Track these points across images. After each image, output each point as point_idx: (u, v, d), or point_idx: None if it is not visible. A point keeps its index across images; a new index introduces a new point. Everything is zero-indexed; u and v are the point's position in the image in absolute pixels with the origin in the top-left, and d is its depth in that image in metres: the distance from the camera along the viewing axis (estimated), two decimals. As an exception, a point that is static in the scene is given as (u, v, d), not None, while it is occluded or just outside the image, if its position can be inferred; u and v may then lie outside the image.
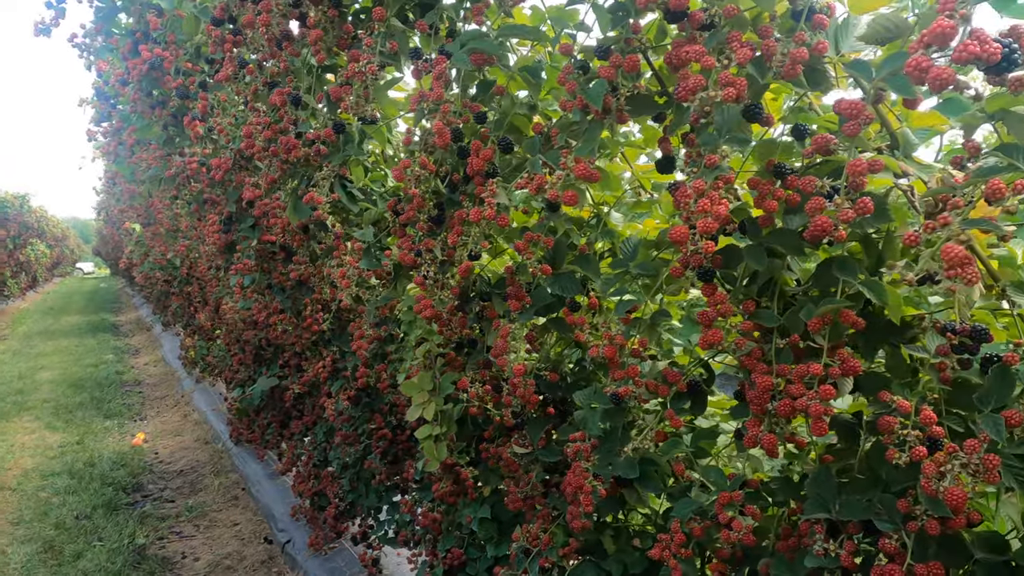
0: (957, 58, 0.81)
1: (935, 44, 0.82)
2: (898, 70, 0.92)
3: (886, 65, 0.95)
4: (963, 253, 0.85)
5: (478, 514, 2.54)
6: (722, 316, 1.26)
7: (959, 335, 1.06)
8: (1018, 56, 0.81)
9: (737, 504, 1.54)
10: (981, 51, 0.80)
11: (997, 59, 0.80)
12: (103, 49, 3.29)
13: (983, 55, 0.80)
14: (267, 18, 1.76)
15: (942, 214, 0.89)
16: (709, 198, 1.07)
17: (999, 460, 1.04)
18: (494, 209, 1.43)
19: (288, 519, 4.61)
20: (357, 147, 2.02)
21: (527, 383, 1.91)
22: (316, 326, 3.02)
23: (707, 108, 1.06)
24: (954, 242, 0.87)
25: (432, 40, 1.55)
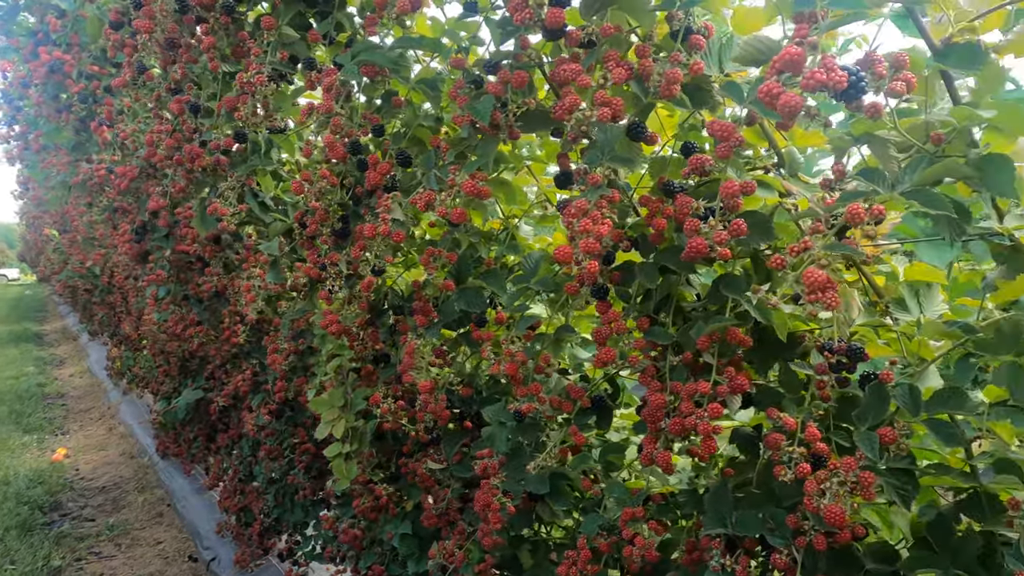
0: (805, 85, 0.81)
1: (787, 71, 0.82)
2: (765, 93, 0.93)
3: (754, 88, 0.95)
4: (824, 278, 0.85)
5: (399, 530, 2.49)
6: (616, 333, 1.25)
7: (836, 354, 1.07)
8: (864, 84, 0.82)
9: (640, 519, 1.54)
10: (827, 79, 0.80)
11: (843, 86, 0.81)
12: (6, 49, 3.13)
13: (829, 83, 0.81)
14: (150, 24, 1.69)
15: (803, 239, 0.90)
16: (591, 218, 1.05)
17: (874, 478, 1.05)
18: (388, 225, 1.39)
19: (214, 536, 4.47)
20: (263, 156, 1.96)
21: (438, 399, 1.88)
22: (234, 339, 2.93)
23: (584, 128, 1.05)
24: (816, 266, 0.88)
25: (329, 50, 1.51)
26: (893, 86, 0.84)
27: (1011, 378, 0.98)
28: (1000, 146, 0.93)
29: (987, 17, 0.93)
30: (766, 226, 1.13)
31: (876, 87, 0.85)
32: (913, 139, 0.92)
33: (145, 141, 2.05)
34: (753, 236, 1.12)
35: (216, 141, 1.85)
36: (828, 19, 0.85)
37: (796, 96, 0.80)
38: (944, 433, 1.05)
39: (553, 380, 1.64)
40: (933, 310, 1.18)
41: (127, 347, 6.75)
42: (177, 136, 2.03)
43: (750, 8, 1.12)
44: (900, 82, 0.84)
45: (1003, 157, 0.87)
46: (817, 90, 0.81)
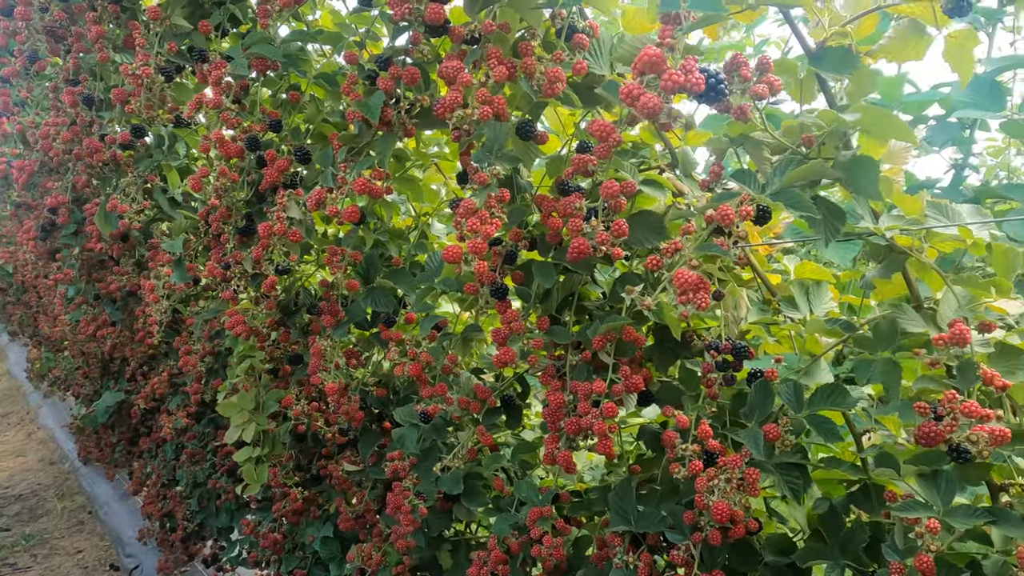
0: (664, 87, 0.81)
1: (647, 72, 0.82)
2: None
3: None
4: (694, 278, 0.86)
5: (320, 533, 2.44)
6: (516, 333, 1.24)
7: (722, 352, 1.08)
8: (724, 87, 0.83)
9: (549, 518, 1.53)
10: (685, 81, 0.81)
11: (701, 89, 0.81)
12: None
13: (687, 84, 0.81)
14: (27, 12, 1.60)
15: (673, 240, 0.90)
16: (479, 217, 1.04)
17: (759, 474, 1.06)
18: (284, 224, 1.35)
19: (137, 543, 4.32)
20: (167, 151, 1.89)
21: (352, 399, 1.85)
22: (148, 339, 2.82)
23: (466, 126, 1.04)
24: (686, 268, 0.88)
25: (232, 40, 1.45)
26: (756, 89, 0.85)
27: (885, 374, 1.01)
28: (871, 149, 0.95)
29: (861, 22, 0.95)
30: (659, 226, 1.14)
31: (742, 89, 0.86)
32: (787, 142, 0.94)
33: (40, 135, 1.95)
34: (646, 235, 1.12)
35: (111, 135, 1.77)
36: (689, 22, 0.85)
37: (655, 97, 0.80)
38: (824, 429, 1.08)
39: (464, 380, 1.62)
40: (822, 308, 1.21)
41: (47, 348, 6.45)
42: (75, 129, 1.94)
43: (638, 8, 1.12)
44: (763, 85, 0.85)
45: (868, 159, 0.89)
46: (675, 92, 0.81)
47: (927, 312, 1.04)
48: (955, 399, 0.89)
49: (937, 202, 0.98)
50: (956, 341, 0.90)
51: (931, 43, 0.94)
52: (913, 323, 1.03)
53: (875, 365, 1.01)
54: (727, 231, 0.86)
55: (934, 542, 0.95)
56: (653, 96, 0.80)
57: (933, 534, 0.94)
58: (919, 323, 1.03)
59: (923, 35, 0.94)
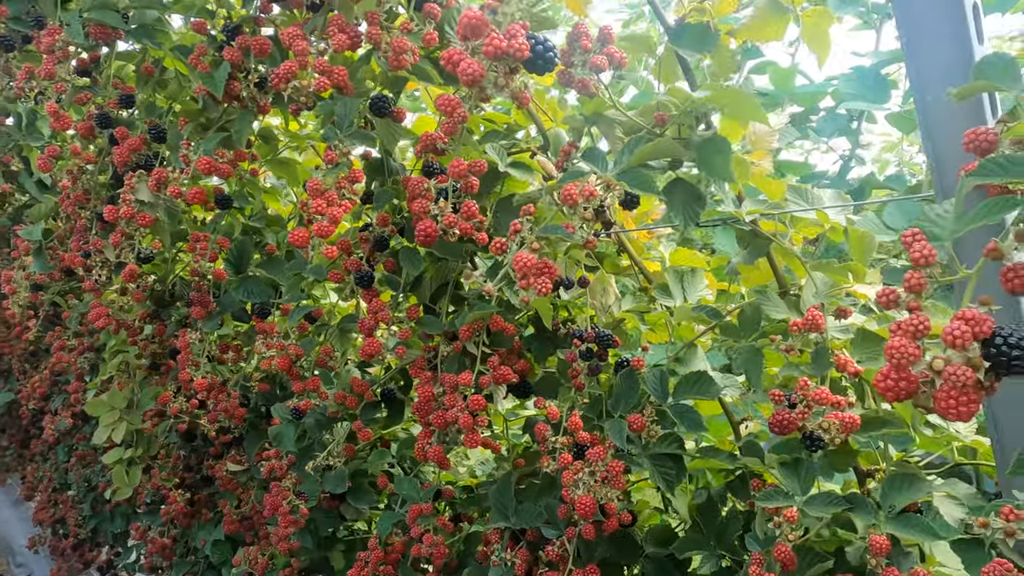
0: (487, 52, 0.76)
1: (469, 36, 0.77)
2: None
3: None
4: (533, 262, 0.81)
5: (212, 536, 2.33)
6: (383, 323, 1.18)
7: (586, 341, 1.04)
8: (552, 55, 0.79)
9: (430, 516, 1.48)
10: (507, 46, 0.76)
11: (525, 55, 0.77)
12: None
13: (510, 50, 0.76)
14: None
15: (515, 221, 0.86)
16: (325, 198, 0.97)
17: (623, 466, 1.03)
18: (131, 207, 1.25)
19: (28, 552, 4.07)
20: (27, 131, 1.74)
21: (231, 395, 1.75)
22: (25, 335, 2.63)
23: (303, 98, 0.97)
24: (527, 251, 0.84)
25: (63, 7, 1.33)
26: (596, 60, 0.81)
27: (748, 362, 0.99)
28: (730, 131, 0.93)
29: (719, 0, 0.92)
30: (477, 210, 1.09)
31: (583, 61, 0.81)
32: (643, 121, 0.90)
33: None
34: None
35: (-46, 112, 1.62)
36: (516, -17, 0.80)
37: (475, 63, 0.75)
38: (688, 419, 1.06)
39: (344, 373, 1.55)
40: (696, 295, 1.19)
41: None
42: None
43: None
44: (603, 56, 0.81)
45: (720, 139, 0.86)
46: (497, 57, 0.77)
47: (791, 299, 1.03)
48: (807, 386, 0.87)
49: (797, 186, 0.96)
50: (810, 327, 0.89)
51: (788, 22, 0.92)
52: (777, 309, 1.01)
53: (739, 352, 0.99)
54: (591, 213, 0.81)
55: (792, 531, 0.93)
56: (473, 62, 0.75)
57: (791, 523, 0.92)
58: (783, 310, 1.02)
59: (782, 14, 0.92)
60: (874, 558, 0.89)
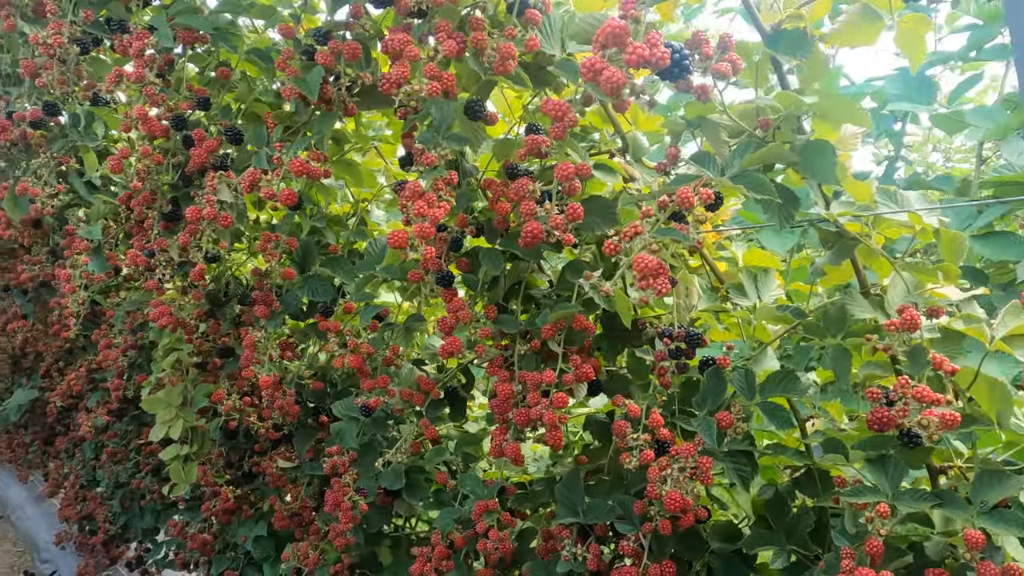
0: (628, 61, 0.78)
1: (611, 45, 0.79)
2: (601, 72, 0.90)
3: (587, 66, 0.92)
4: (654, 263, 0.83)
5: (253, 532, 2.35)
6: (462, 322, 1.20)
7: (675, 340, 1.06)
8: (688, 63, 0.81)
9: (495, 512, 1.50)
10: (650, 55, 0.78)
11: (666, 64, 0.79)
12: None
13: (651, 59, 0.78)
14: (-80, -28, 1.46)
15: (632, 223, 0.88)
16: (426, 200, 0.99)
17: (712, 462, 1.05)
18: (214, 207, 1.27)
19: (54, 548, 4.10)
20: (84, 131, 1.76)
21: (286, 393, 1.77)
22: (64, 332, 2.65)
23: (414, 103, 0.99)
24: (646, 252, 0.86)
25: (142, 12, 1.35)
26: (719, 67, 0.83)
27: (836, 360, 1.01)
28: (825, 133, 0.94)
29: (814, 5, 0.94)
30: (610, 211, 1.11)
31: (703, 68, 0.83)
32: (745, 124, 0.92)
33: (-62, 111, 1.79)
34: (596, 221, 1.10)
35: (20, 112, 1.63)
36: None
37: (618, 72, 0.77)
38: (777, 416, 1.08)
39: (405, 371, 1.57)
40: (769, 295, 1.21)
41: (-49, 344, 6.07)
42: (-24, 106, 1.79)
43: (590, -16, 1.09)
44: (726, 63, 0.83)
45: (824, 143, 0.88)
46: (640, 66, 0.79)
47: (875, 298, 1.05)
48: (907, 384, 0.89)
49: (887, 189, 0.98)
50: (907, 327, 0.91)
51: (883, 28, 0.94)
52: (862, 309, 1.03)
53: (825, 352, 1.01)
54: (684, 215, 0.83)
55: (883, 526, 0.95)
56: (617, 71, 0.77)
57: (883, 518, 0.94)
58: (867, 309, 1.04)
59: (876, 20, 0.94)
60: (968, 552, 0.91)
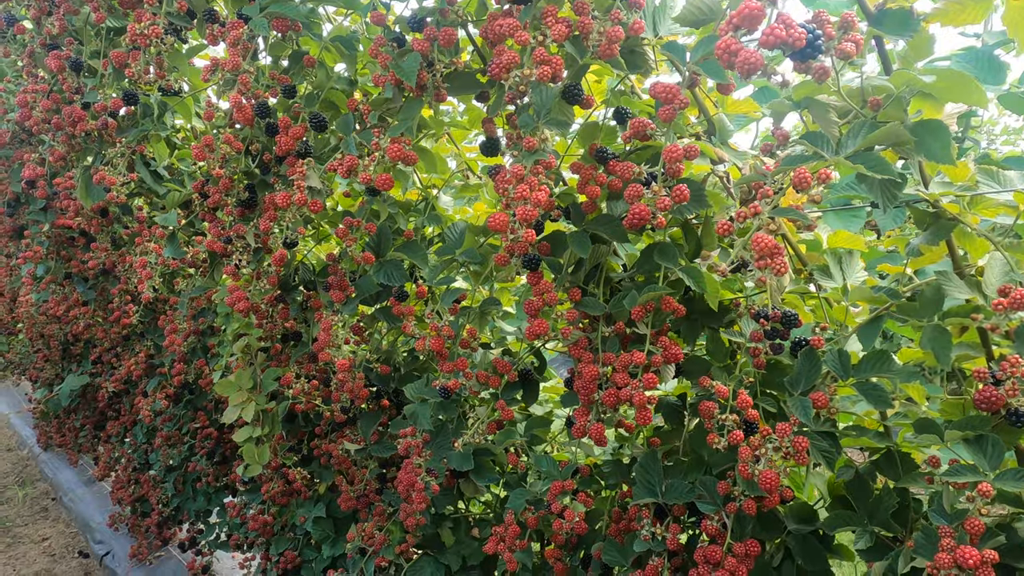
0: (764, 42, 0.79)
1: (744, 27, 0.80)
2: (710, 54, 0.90)
3: (699, 48, 0.93)
4: (772, 243, 0.84)
5: (312, 514, 2.40)
6: (548, 305, 1.21)
7: (771, 321, 1.07)
8: (821, 43, 0.81)
9: (569, 492, 1.52)
10: (787, 36, 0.79)
11: (802, 44, 0.79)
12: None
13: (788, 40, 0.79)
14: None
15: (753, 203, 0.88)
16: (528, 184, 1.01)
17: (808, 442, 1.06)
18: (304, 193, 1.30)
19: (106, 529, 4.20)
20: (156, 121, 1.80)
21: (355, 377, 1.80)
22: (125, 319, 2.72)
23: (522, 87, 1.00)
24: (764, 232, 0.87)
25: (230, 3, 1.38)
26: (843, 47, 0.83)
27: (934, 341, 1.01)
28: (931, 112, 0.94)
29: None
30: (699, 194, 1.12)
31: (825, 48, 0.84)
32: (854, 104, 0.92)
33: (17, 102, 1.84)
34: (687, 204, 1.10)
35: (102, 103, 1.67)
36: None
37: (756, 53, 0.78)
38: (874, 395, 1.08)
39: (479, 355, 1.59)
40: (855, 277, 1.21)
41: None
42: (55, 97, 1.83)
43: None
44: (849, 43, 0.83)
45: (939, 123, 0.88)
46: (775, 47, 0.79)
47: (971, 279, 1.05)
48: (1017, 363, 0.89)
49: (987, 168, 0.98)
50: (1015, 306, 0.91)
51: (991, 8, 0.93)
52: (958, 289, 1.03)
53: (924, 332, 1.01)
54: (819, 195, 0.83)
55: (985, 506, 0.96)
56: (754, 52, 0.78)
57: (985, 498, 0.95)
58: (964, 290, 1.04)
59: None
60: (1075, 531, 0.91)
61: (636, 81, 1.26)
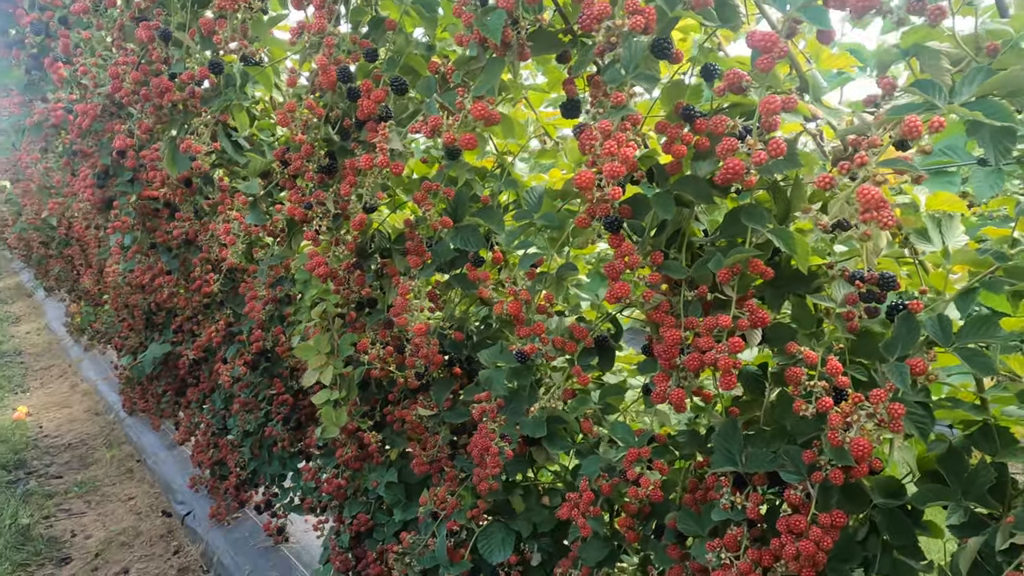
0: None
1: None
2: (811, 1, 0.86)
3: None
4: (879, 195, 0.81)
5: (384, 478, 2.45)
6: (630, 268, 1.20)
7: (867, 283, 1.03)
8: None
9: (645, 460, 1.51)
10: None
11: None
12: (-54, -21, 2.88)
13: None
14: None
15: (858, 154, 0.84)
16: (616, 140, 0.99)
17: (904, 409, 1.02)
18: (387, 156, 1.31)
19: (187, 490, 4.40)
20: (239, 91, 1.84)
21: (430, 343, 1.82)
22: (206, 288, 2.82)
23: (613, 39, 0.98)
24: (870, 184, 0.83)
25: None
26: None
27: (1048, 305, 0.96)
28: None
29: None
30: (792, 153, 1.08)
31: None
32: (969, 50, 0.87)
33: (109, 74, 1.91)
34: (778, 163, 1.07)
35: (190, 72, 1.72)
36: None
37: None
38: (978, 363, 1.03)
39: (554, 321, 1.59)
40: (955, 240, 1.15)
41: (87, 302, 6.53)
42: (144, 68, 1.89)
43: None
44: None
45: (1064, 68, 0.82)
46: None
47: (1087, 240, 0.99)
48: None
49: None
50: None
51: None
52: (1073, 252, 0.97)
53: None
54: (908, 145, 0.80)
55: (1099, 478, 0.90)
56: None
57: (1100, 470, 0.90)
58: (1080, 251, 0.97)
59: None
60: None
61: (723, 38, 1.23)
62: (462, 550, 1.99)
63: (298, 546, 3.72)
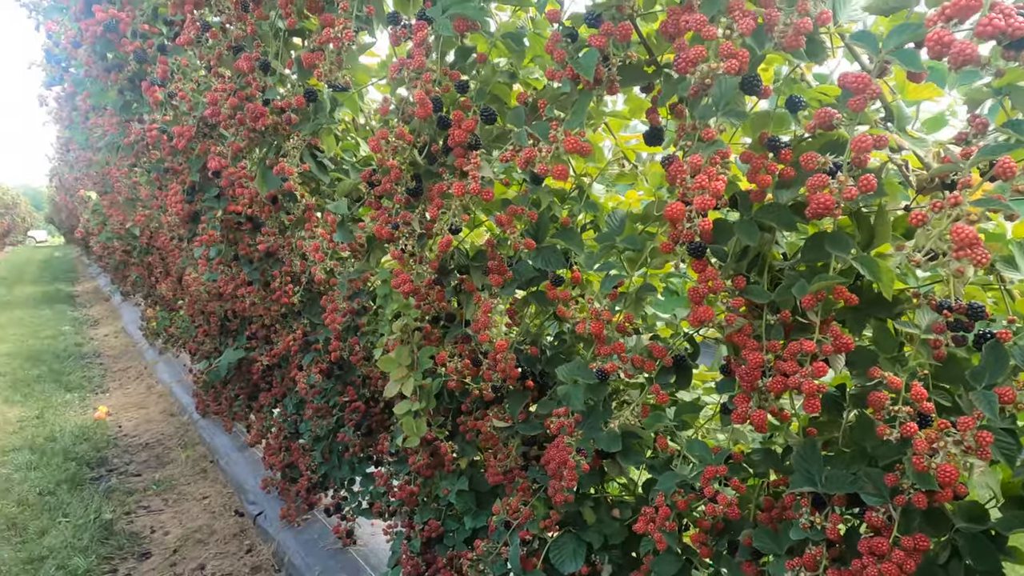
0: (981, 32, 0.78)
1: (957, 17, 0.79)
2: (905, 43, 0.89)
3: (893, 37, 0.92)
4: (973, 234, 0.83)
5: (456, 487, 2.53)
6: (713, 292, 1.24)
7: (955, 312, 1.05)
8: None
9: (722, 477, 1.54)
10: (1006, 26, 0.77)
11: (1022, 34, 0.78)
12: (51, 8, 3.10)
13: (1007, 30, 0.77)
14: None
15: (953, 194, 0.87)
16: (706, 174, 1.03)
17: (992, 437, 1.04)
18: (479, 183, 1.38)
19: (259, 491, 4.57)
20: (328, 115, 1.95)
21: (508, 357, 1.89)
22: (286, 298, 2.95)
23: (707, 80, 1.03)
24: (963, 222, 0.86)
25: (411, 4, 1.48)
26: None
27: None
28: None
29: None
30: (879, 184, 1.11)
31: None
32: (1056, 91, 0.89)
33: (207, 100, 2.04)
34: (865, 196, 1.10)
35: (287, 100, 1.83)
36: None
37: (971, 44, 0.78)
38: (1071, 392, 1.04)
39: (632, 340, 1.64)
40: (1042, 268, 1.16)
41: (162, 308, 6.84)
42: (240, 94, 2.01)
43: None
44: None
45: None
46: (991, 38, 0.78)
47: None
48: None
49: None
50: None
51: None
52: None
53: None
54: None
55: None
56: (968, 43, 0.78)
57: None
58: None
59: None
60: None
61: (806, 69, 1.26)
62: (534, 559, 2.04)
63: (365, 549, 3.83)
